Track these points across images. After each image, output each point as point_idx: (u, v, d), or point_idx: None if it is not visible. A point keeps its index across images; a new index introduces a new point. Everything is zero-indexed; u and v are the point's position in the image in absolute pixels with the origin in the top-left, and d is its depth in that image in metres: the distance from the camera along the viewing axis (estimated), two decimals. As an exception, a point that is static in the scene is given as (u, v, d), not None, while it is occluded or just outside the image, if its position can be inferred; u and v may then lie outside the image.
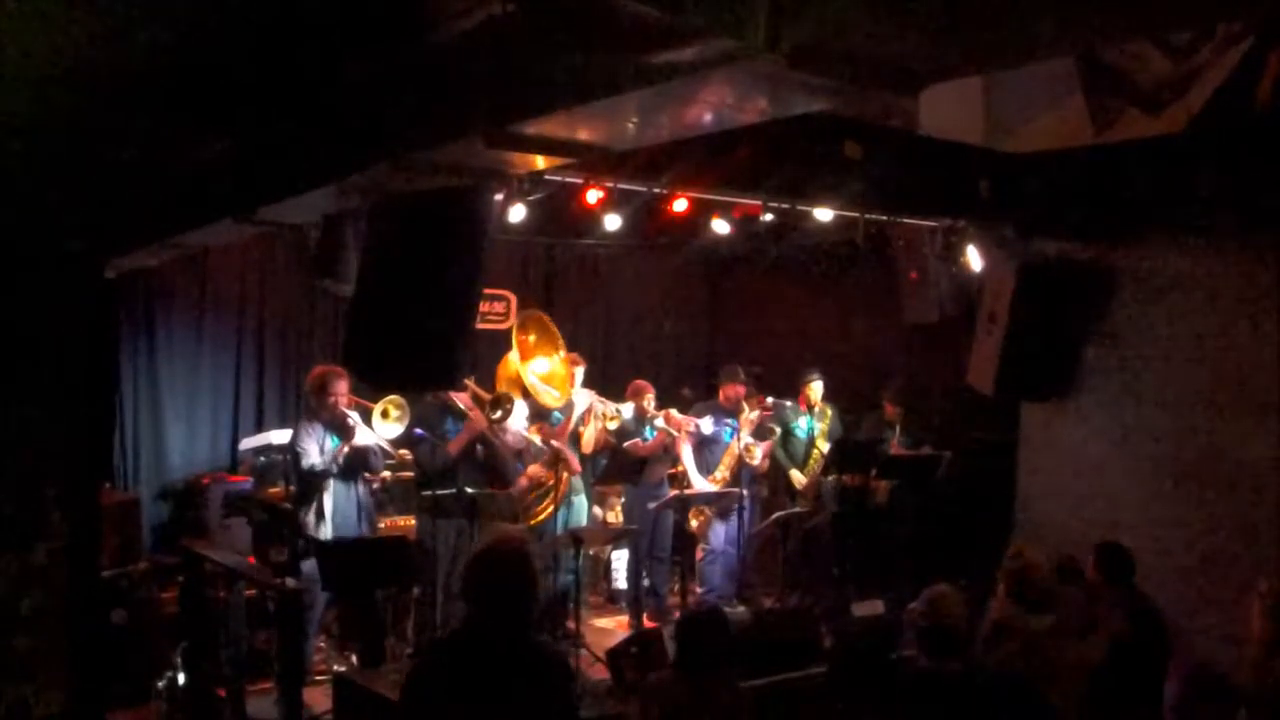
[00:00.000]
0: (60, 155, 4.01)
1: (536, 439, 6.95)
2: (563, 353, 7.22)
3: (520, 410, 6.90)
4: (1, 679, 4.24)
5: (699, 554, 7.77)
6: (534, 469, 6.93)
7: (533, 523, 6.94)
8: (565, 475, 6.93)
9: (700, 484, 7.57)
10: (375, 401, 6.35)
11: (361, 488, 6.32)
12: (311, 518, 6.06)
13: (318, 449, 6.08)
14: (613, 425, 7.34)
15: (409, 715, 3.09)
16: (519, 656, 2.98)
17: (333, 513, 6.10)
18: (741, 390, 7.74)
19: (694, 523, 7.66)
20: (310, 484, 6.09)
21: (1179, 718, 3.36)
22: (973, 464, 7.53)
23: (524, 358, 7.07)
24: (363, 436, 6.19)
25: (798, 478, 8.04)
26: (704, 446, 7.67)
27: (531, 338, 7.20)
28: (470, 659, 2.96)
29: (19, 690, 4.28)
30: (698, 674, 3.98)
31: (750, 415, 7.63)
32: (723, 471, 7.64)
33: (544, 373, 7.16)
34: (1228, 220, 6.16)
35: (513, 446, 6.89)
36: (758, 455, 7.75)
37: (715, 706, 3.95)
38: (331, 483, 6.11)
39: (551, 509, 6.94)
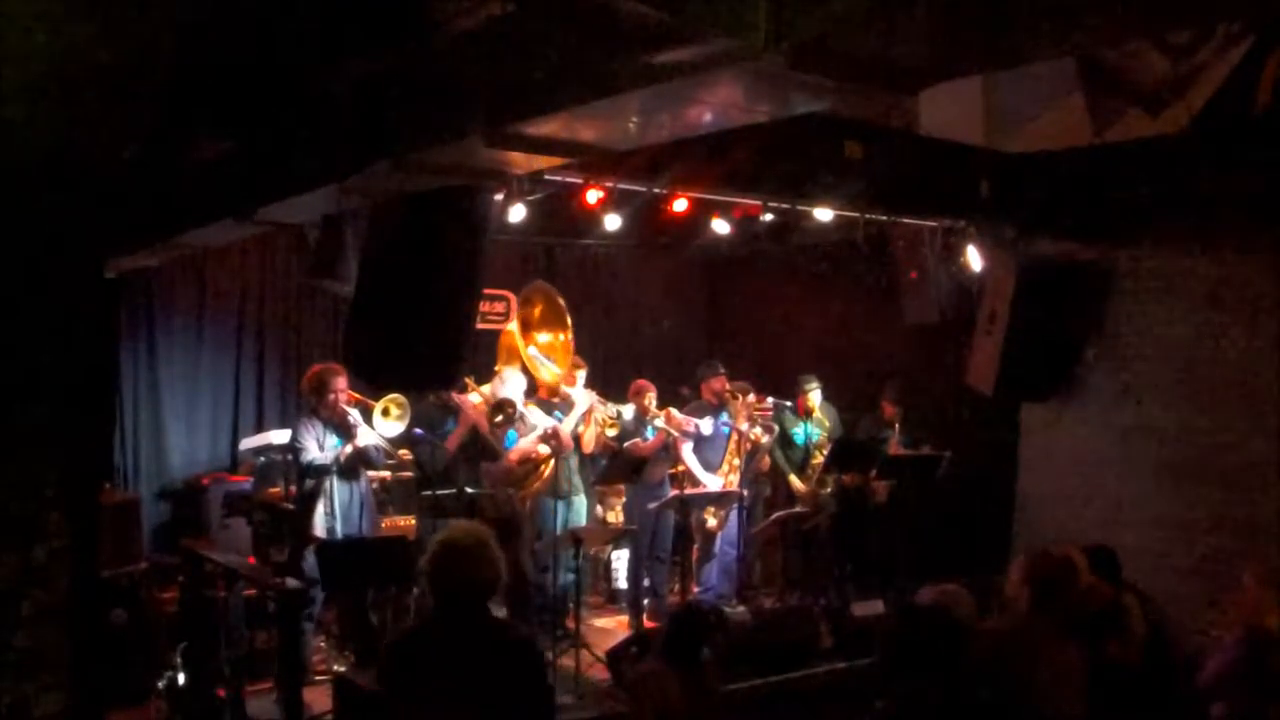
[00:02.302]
0: (60, 155, 4.01)
1: (531, 411, 6.91)
2: (569, 330, 7.18)
3: (518, 382, 6.87)
4: (1, 679, 4.24)
5: (695, 554, 7.76)
6: (524, 443, 6.90)
7: (525, 492, 6.92)
8: (556, 447, 6.90)
9: (711, 483, 7.55)
10: (375, 399, 6.34)
11: (364, 485, 6.31)
12: (317, 516, 6.05)
13: (316, 445, 6.08)
14: (611, 432, 7.31)
15: (391, 702, 3.19)
16: (488, 640, 3.13)
17: (337, 510, 6.10)
18: (723, 381, 7.72)
19: (712, 521, 7.63)
20: (311, 482, 6.08)
21: (1236, 674, 3.34)
22: (973, 464, 7.53)
23: (525, 330, 7.04)
24: (363, 436, 6.18)
25: (797, 484, 8.03)
26: (702, 445, 7.65)
27: (537, 311, 7.16)
28: (441, 645, 3.11)
29: (19, 690, 4.27)
30: (682, 668, 4.00)
31: (749, 399, 7.63)
32: (729, 461, 7.62)
33: (544, 344, 7.14)
34: (1228, 220, 6.16)
35: None
36: (764, 436, 7.70)
37: (699, 700, 3.97)
38: (334, 480, 6.11)
39: (543, 476, 6.89)
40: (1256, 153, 5.40)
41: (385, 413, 6.31)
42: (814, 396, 7.96)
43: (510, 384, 6.81)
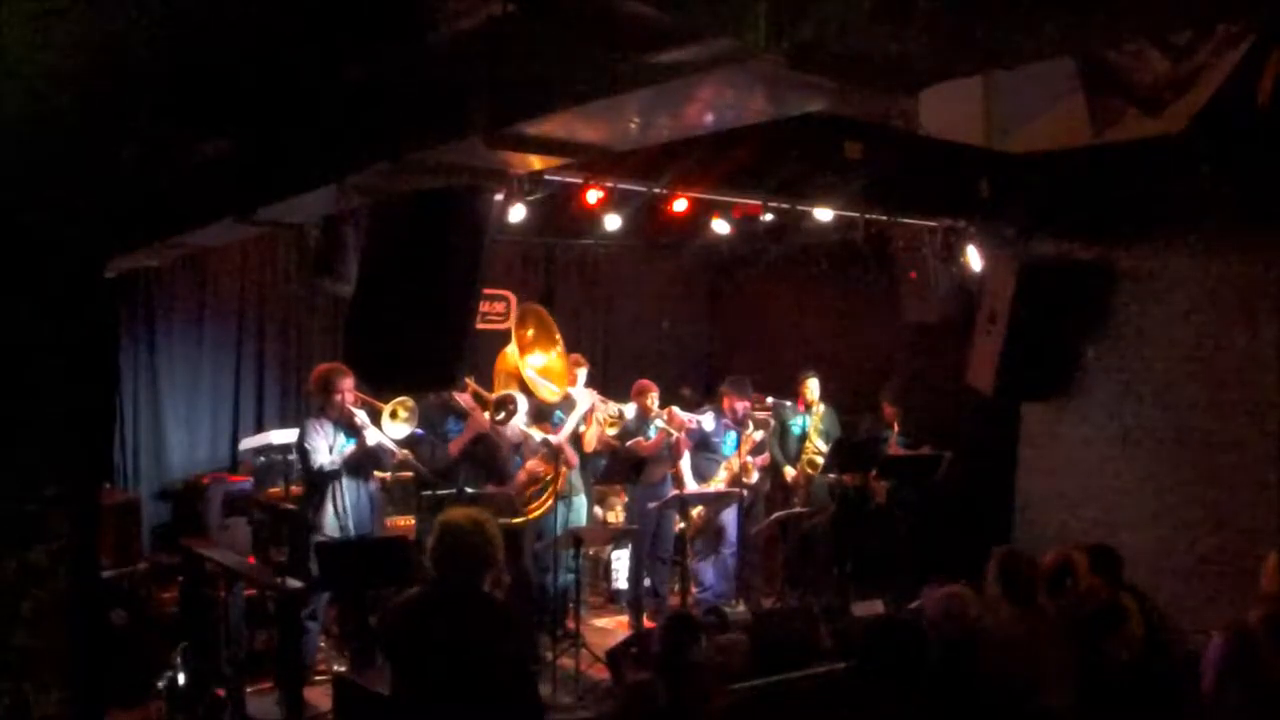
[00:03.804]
0: (60, 155, 4.01)
1: (535, 433, 6.93)
2: (560, 347, 7.21)
3: (521, 406, 6.89)
4: (1, 679, 4.24)
5: (689, 553, 7.77)
6: (532, 464, 6.92)
7: (531, 516, 6.94)
8: (564, 470, 6.92)
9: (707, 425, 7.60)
10: (380, 400, 6.34)
11: (372, 485, 6.31)
12: (327, 517, 6.04)
13: (327, 448, 6.05)
14: (612, 431, 7.30)
15: (393, 652, 3.69)
16: (473, 610, 3.55)
17: (348, 510, 6.08)
18: (748, 405, 7.75)
19: (681, 523, 7.64)
20: (320, 484, 6.07)
21: (1222, 670, 3.36)
22: (972, 464, 7.53)
23: (522, 352, 7.06)
24: (371, 436, 6.17)
25: (788, 472, 8.11)
26: (700, 453, 7.66)
27: (530, 332, 7.19)
28: (433, 612, 3.56)
29: (19, 690, 4.27)
30: (673, 677, 3.99)
31: (754, 434, 7.67)
32: (717, 485, 7.64)
33: (540, 366, 7.16)
34: (1228, 220, 6.16)
35: (511, 441, 6.89)
36: (755, 475, 7.80)
37: (690, 708, 3.96)
38: (344, 481, 6.09)
39: (550, 503, 6.93)
40: (1256, 153, 5.40)
41: (393, 415, 6.31)
42: (812, 385, 8.11)
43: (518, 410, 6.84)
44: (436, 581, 3.62)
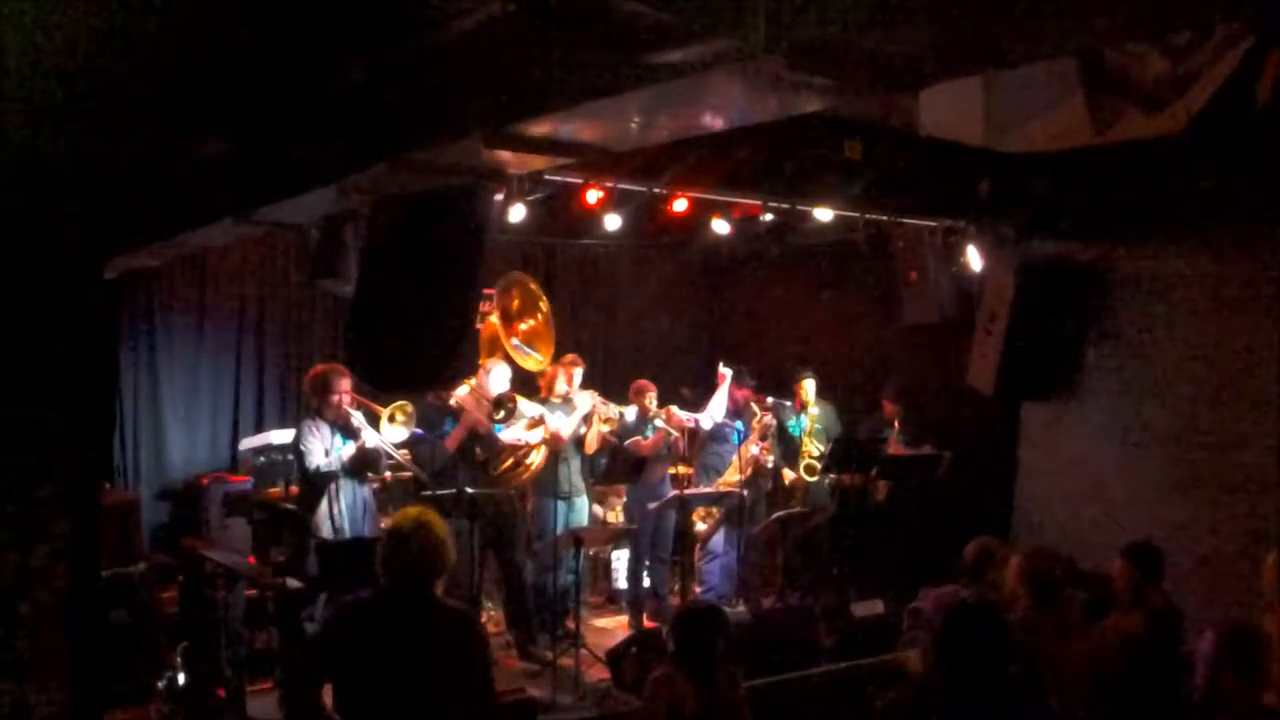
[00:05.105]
0: (60, 155, 4.01)
1: (528, 405, 6.90)
2: (545, 311, 7.19)
3: (503, 374, 6.86)
4: (1, 679, 4.24)
5: (697, 554, 7.78)
6: (513, 430, 6.89)
7: (519, 481, 6.92)
8: (546, 434, 6.89)
9: (704, 420, 7.60)
10: (378, 402, 6.33)
11: (366, 488, 6.31)
12: (323, 519, 6.03)
13: (323, 450, 6.03)
14: (605, 428, 7.30)
15: (336, 661, 3.45)
16: (427, 615, 3.41)
17: (344, 512, 6.07)
18: (748, 393, 7.76)
19: (701, 526, 7.64)
20: (316, 486, 6.06)
21: (1211, 672, 3.35)
22: (973, 464, 7.53)
23: (506, 321, 7.05)
24: (369, 438, 6.16)
25: (788, 474, 8.13)
26: (709, 448, 7.66)
27: (515, 302, 7.17)
28: (382, 618, 3.42)
29: (19, 690, 4.27)
30: (697, 670, 3.98)
31: (765, 419, 7.68)
32: (733, 474, 7.64)
33: (525, 330, 7.15)
34: (1228, 220, 6.17)
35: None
36: (770, 460, 7.84)
37: (717, 702, 3.96)
38: (340, 482, 6.08)
39: (535, 465, 6.90)
40: (1256, 153, 5.40)
41: (392, 419, 6.29)
42: (808, 386, 8.09)
43: (495, 376, 6.80)
44: (384, 588, 3.47)
